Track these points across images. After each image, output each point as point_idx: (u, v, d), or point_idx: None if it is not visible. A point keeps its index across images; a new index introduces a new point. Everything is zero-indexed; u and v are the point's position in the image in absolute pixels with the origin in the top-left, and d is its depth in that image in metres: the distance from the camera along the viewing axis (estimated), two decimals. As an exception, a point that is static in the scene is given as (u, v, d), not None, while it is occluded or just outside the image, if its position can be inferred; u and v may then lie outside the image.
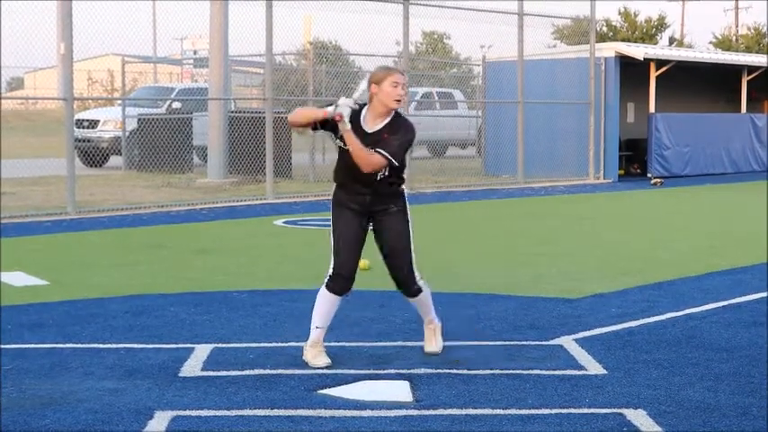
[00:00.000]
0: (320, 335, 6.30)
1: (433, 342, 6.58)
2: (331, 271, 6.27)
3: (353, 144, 6.05)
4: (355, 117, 6.15)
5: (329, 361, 6.20)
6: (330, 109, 6.09)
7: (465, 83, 33.26)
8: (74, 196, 14.78)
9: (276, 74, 21.55)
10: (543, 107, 22.90)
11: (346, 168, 6.22)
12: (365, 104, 6.26)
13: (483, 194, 19.39)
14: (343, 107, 6.06)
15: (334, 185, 6.39)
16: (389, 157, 6.08)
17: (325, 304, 6.30)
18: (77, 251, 11.55)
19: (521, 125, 21.70)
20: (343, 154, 6.21)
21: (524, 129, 21.75)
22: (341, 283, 6.25)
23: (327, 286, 6.28)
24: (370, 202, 6.26)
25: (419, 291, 6.46)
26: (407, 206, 6.40)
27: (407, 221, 6.36)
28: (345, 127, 6.04)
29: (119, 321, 7.54)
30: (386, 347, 6.70)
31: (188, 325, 7.42)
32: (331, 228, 6.33)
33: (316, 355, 6.24)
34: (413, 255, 6.38)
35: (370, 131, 6.16)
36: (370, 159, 6.05)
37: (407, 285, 6.42)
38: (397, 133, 6.15)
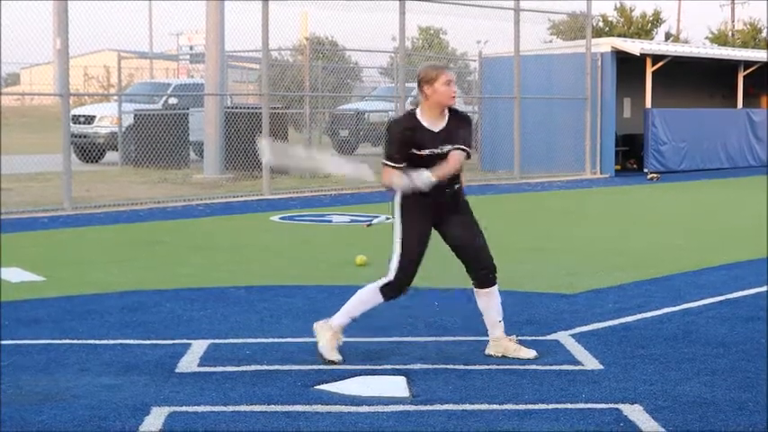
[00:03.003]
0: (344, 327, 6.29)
1: (523, 349, 6.40)
2: (395, 280, 6.21)
3: (449, 169, 6.13)
4: (412, 118, 6.19)
5: (341, 357, 6.19)
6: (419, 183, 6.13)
7: (461, 78, 33.21)
8: (70, 192, 14.77)
9: (272, 69, 21.51)
10: (540, 102, 22.89)
11: (421, 168, 6.18)
12: (414, 109, 6.26)
13: (479, 190, 19.37)
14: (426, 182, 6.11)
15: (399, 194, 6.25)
16: (467, 149, 6.22)
17: (371, 303, 6.29)
18: (74, 247, 11.54)
19: (517, 121, 21.69)
20: (423, 161, 6.17)
21: (521, 124, 21.75)
22: (397, 293, 6.26)
23: (384, 292, 6.23)
24: (441, 196, 6.25)
25: (495, 278, 6.39)
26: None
27: (472, 213, 6.45)
28: (431, 180, 6.09)
29: (115, 317, 7.54)
30: (382, 343, 6.71)
31: (184, 321, 7.42)
32: (401, 235, 6.23)
33: (334, 347, 6.19)
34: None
35: (436, 131, 6.18)
36: (460, 159, 6.17)
37: (488, 266, 6.33)
38: (464, 127, 6.25)
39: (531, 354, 6.34)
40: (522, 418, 5.19)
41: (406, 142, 6.13)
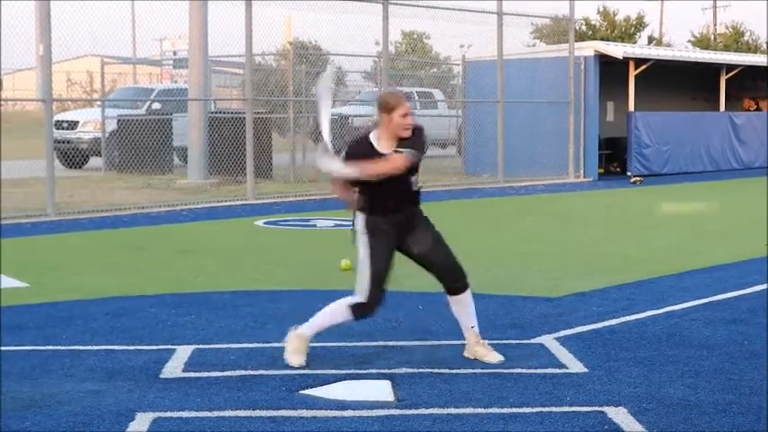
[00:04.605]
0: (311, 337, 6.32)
1: (491, 354, 6.42)
2: (365, 299, 6.22)
3: (382, 168, 6.11)
4: (366, 143, 6.22)
5: (303, 363, 6.20)
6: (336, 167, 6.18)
7: (445, 82, 33.29)
8: (53, 198, 14.72)
9: (256, 74, 21.50)
10: (523, 106, 22.93)
11: (382, 189, 6.21)
12: (368, 132, 6.28)
13: (463, 194, 19.41)
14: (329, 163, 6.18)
15: (363, 215, 6.30)
16: (406, 151, 6.16)
17: (340, 319, 6.31)
18: (57, 253, 11.50)
19: (500, 124, 21.72)
20: (377, 183, 6.20)
21: (504, 128, 21.77)
22: (368, 313, 6.27)
23: (355, 312, 6.25)
24: (405, 216, 6.30)
25: (466, 286, 6.43)
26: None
27: (433, 226, 6.44)
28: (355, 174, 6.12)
29: (99, 323, 7.52)
30: (367, 347, 6.71)
31: (169, 326, 7.41)
32: (369, 256, 6.23)
33: (301, 351, 6.22)
34: None
35: (387, 153, 6.20)
36: (395, 163, 6.14)
37: (460, 276, 6.40)
38: (412, 137, 6.25)
39: (496, 358, 6.35)
40: (507, 421, 5.20)
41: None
